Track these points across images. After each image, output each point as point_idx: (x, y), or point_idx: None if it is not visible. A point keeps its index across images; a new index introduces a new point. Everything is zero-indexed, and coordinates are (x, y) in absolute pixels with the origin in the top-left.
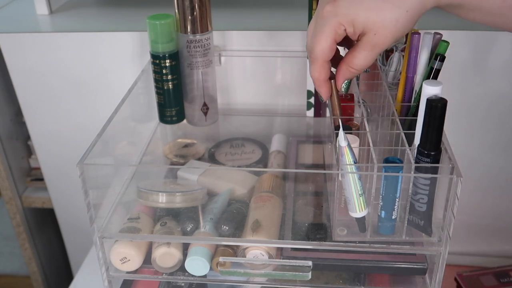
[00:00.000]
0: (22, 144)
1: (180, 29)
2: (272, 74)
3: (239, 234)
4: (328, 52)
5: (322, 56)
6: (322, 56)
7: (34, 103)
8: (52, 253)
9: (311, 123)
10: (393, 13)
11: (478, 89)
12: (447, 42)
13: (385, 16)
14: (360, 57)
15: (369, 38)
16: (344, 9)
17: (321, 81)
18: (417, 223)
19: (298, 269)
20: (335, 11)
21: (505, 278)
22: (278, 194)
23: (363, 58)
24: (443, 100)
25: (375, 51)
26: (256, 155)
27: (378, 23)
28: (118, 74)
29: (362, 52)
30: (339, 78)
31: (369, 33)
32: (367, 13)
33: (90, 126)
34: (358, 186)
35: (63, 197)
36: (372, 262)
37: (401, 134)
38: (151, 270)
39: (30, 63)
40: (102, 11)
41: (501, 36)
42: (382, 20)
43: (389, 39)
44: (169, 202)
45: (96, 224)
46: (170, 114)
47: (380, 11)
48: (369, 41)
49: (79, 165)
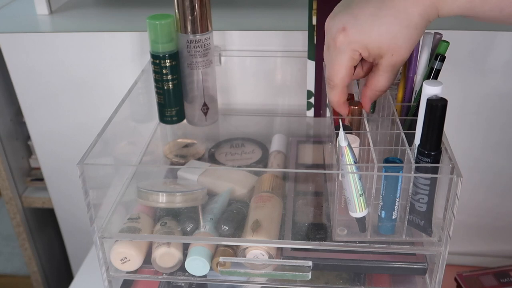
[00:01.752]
0: (22, 144)
1: (180, 29)
2: (272, 74)
3: (239, 234)
4: (347, 79)
5: (342, 84)
6: (342, 84)
7: (34, 103)
8: (52, 253)
9: (311, 123)
10: (404, 33)
11: (478, 89)
12: (447, 42)
13: (398, 38)
14: (383, 80)
15: (388, 60)
16: (357, 37)
17: (341, 104)
18: (417, 223)
19: (298, 269)
20: (348, 40)
21: (505, 278)
22: (278, 194)
23: (386, 80)
24: (443, 100)
25: (396, 70)
26: (256, 155)
27: (392, 45)
28: (118, 74)
29: (384, 74)
30: (367, 102)
31: (386, 55)
32: (380, 37)
33: (90, 126)
34: (358, 186)
35: (63, 197)
36: (372, 262)
37: (401, 134)
38: (151, 270)
39: (30, 63)
40: (102, 11)
41: (501, 36)
42: (396, 42)
43: (406, 56)
44: (169, 202)
45: (96, 224)
46: (170, 114)
47: (392, 34)
48: (388, 63)
49: (79, 165)
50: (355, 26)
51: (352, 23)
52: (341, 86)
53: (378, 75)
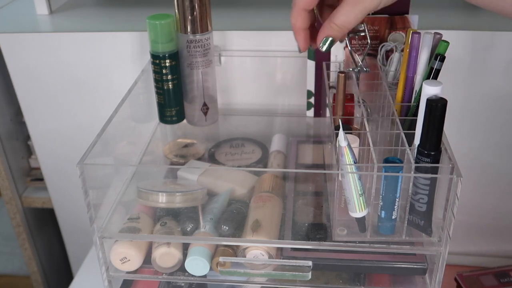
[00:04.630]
0: (22, 144)
1: (180, 29)
2: (272, 74)
3: (239, 234)
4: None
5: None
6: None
7: (34, 103)
8: (52, 253)
9: (311, 123)
10: None
11: (478, 89)
12: (447, 42)
13: None
14: (342, 12)
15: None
16: None
17: (297, 28)
18: (417, 223)
19: (298, 269)
20: None
21: (505, 278)
22: (278, 194)
23: (345, 13)
24: (443, 100)
25: (359, 8)
26: (256, 155)
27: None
28: (118, 74)
29: (345, 7)
30: (320, 33)
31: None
32: None
33: (90, 126)
34: (358, 186)
35: (63, 197)
36: (372, 262)
37: (401, 134)
38: (151, 270)
39: (30, 63)
40: (102, 11)
41: (501, 36)
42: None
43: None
44: (169, 202)
45: (96, 224)
46: (170, 114)
47: None
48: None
49: (79, 165)
50: None
51: None
52: (299, 5)
53: (341, 6)
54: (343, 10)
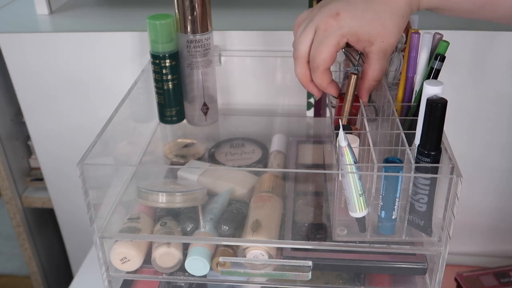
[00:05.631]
0: (22, 144)
1: (180, 29)
2: (272, 74)
3: (239, 234)
4: (330, 61)
5: (323, 65)
6: (324, 65)
7: (34, 103)
8: (52, 253)
9: (311, 123)
10: (393, 20)
11: (478, 89)
12: (447, 42)
13: (387, 24)
14: (377, 68)
15: (378, 47)
16: (349, 22)
17: (325, 86)
18: (417, 223)
19: (298, 269)
20: (339, 24)
21: (505, 278)
22: (278, 194)
23: (380, 68)
24: (443, 100)
25: (387, 57)
26: (256, 155)
27: (382, 31)
28: (118, 74)
29: (377, 62)
30: (364, 93)
31: (377, 41)
32: (371, 24)
33: (90, 126)
34: (358, 186)
35: (63, 197)
36: (372, 262)
37: (401, 134)
38: (151, 270)
39: (30, 63)
40: (102, 11)
41: (501, 36)
42: (385, 28)
43: (395, 42)
44: (169, 202)
45: (96, 224)
46: (170, 114)
47: (382, 22)
48: (379, 49)
49: (79, 165)
50: (349, 12)
51: (346, 8)
52: (322, 68)
53: (371, 64)
54: (377, 66)
